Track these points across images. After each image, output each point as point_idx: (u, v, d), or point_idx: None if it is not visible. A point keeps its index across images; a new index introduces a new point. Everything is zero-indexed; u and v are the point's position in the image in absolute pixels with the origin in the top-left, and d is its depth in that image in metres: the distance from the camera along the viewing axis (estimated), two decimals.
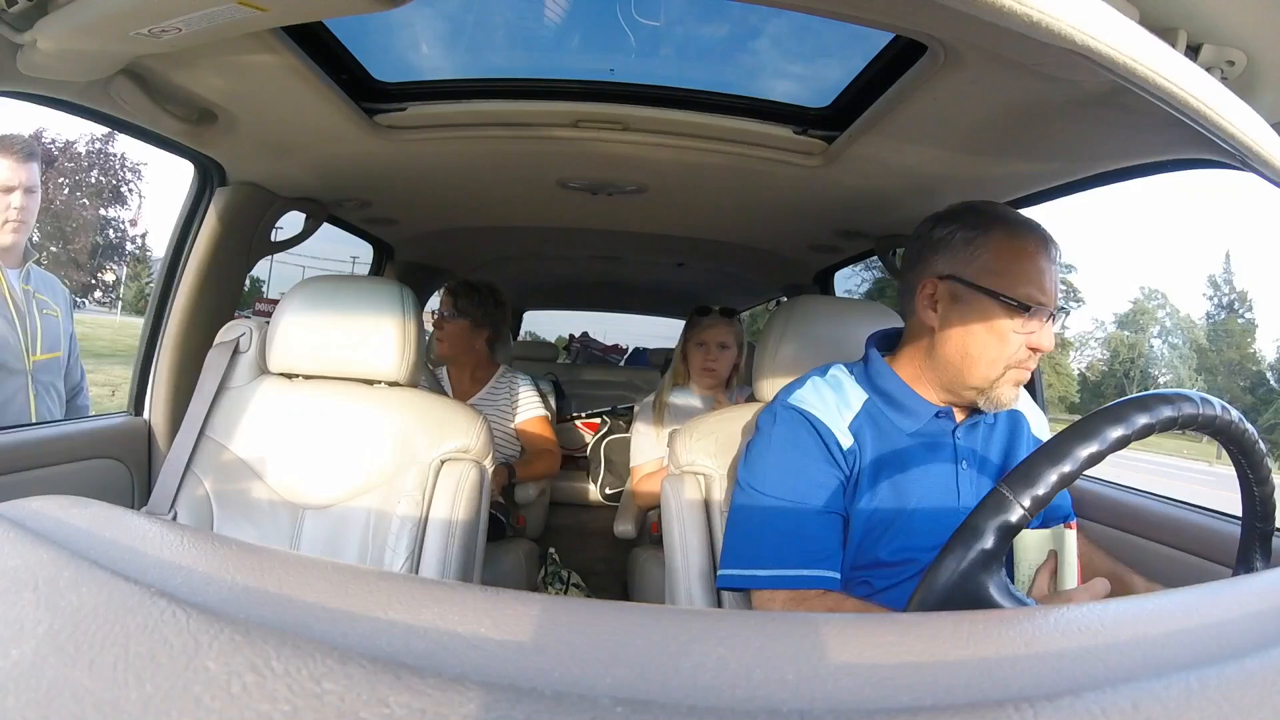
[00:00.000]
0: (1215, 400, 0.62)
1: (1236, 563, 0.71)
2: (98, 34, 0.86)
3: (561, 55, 1.37)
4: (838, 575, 0.90)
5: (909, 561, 0.93)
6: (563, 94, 1.33)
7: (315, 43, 1.11)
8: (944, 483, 0.96)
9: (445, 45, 1.37)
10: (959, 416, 1.00)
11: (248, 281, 1.89)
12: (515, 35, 1.35)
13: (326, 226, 2.04)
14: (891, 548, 0.93)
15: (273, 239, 1.84)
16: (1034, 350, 0.91)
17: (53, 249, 16.47)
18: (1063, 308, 0.95)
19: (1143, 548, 1.24)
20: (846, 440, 0.96)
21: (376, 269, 2.59)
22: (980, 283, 0.91)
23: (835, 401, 0.99)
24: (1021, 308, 0.89)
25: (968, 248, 0.93)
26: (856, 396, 1.00)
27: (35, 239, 1.80)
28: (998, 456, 1.02)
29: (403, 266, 2.61)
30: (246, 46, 1.03)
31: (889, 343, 1.06)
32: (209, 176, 1.60)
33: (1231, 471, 0.68)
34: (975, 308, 0.92)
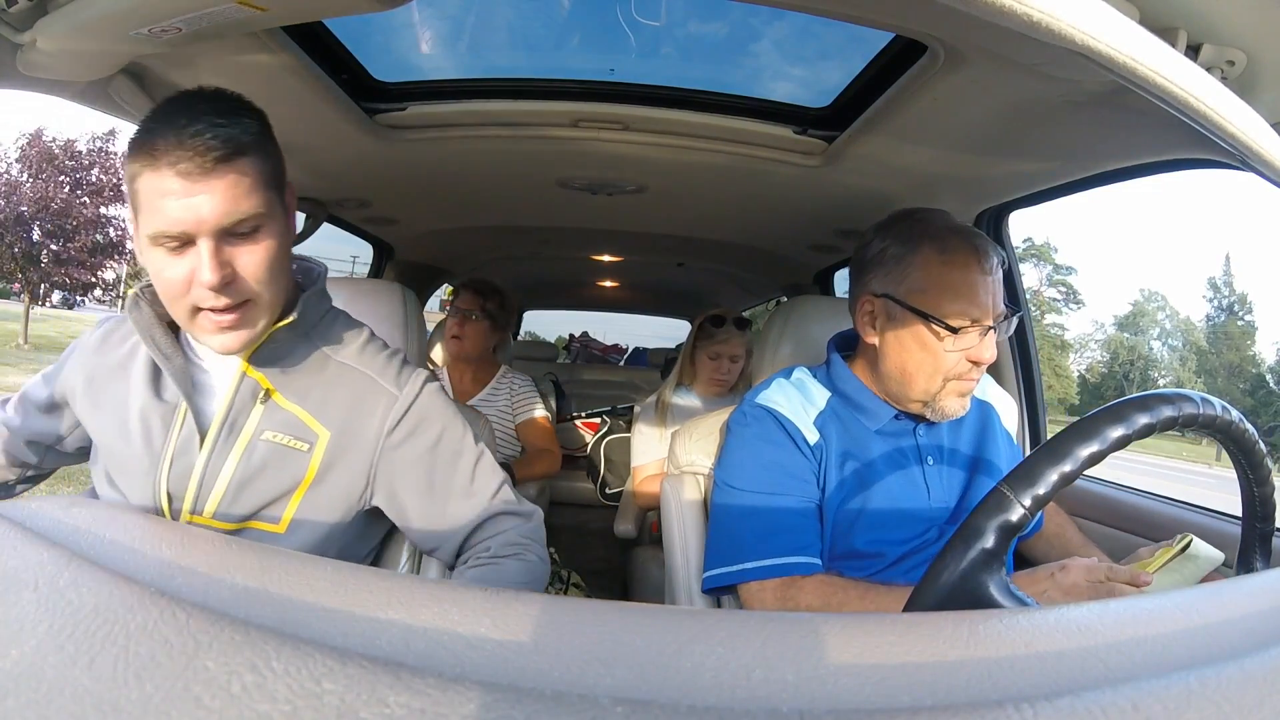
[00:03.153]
0: (1215, 400, 0.62)
1: (1236, 563, 0.71)
2: (97, 34, 0.85)
3: (561, 55, 1.37)
4: (820, 563, 0.92)
5: (878, 555, 0.95)
6: (563, 94, 1.33)
7: (315, 42, 1.11)
8: (911, 480, 0.98)
9: (445, 45, 1.37)
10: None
11: None
12: (515, 35, 1.35)
13: (326, 226, 2.04)
14: (861, 540, 0.95)
15: None
16: (975, 363, 0.91)
17: (53, 247, 16.39)
18: (1011, 315, 0.95)
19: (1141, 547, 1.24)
20: (813, 435, 0.98)
21: (376, 269, 2.58)
22: (910, 302, 0.92)
23: (800, 400, 1.01)
24: (949, 329, 0.89)
25: (898, 266, 0.94)
26: (820, 395, 1.02)
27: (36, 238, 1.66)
28: (967, 449, 1.04)
29: (403, 266, 2.61)
30: (246, 46, 1.03)
31: (850, 343, 1.08)
32: None
33: (1232, 474, 0.68)
34: (908, 326, 0.93)
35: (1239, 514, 0.71)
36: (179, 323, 0.78)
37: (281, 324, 0.79)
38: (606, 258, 2.85)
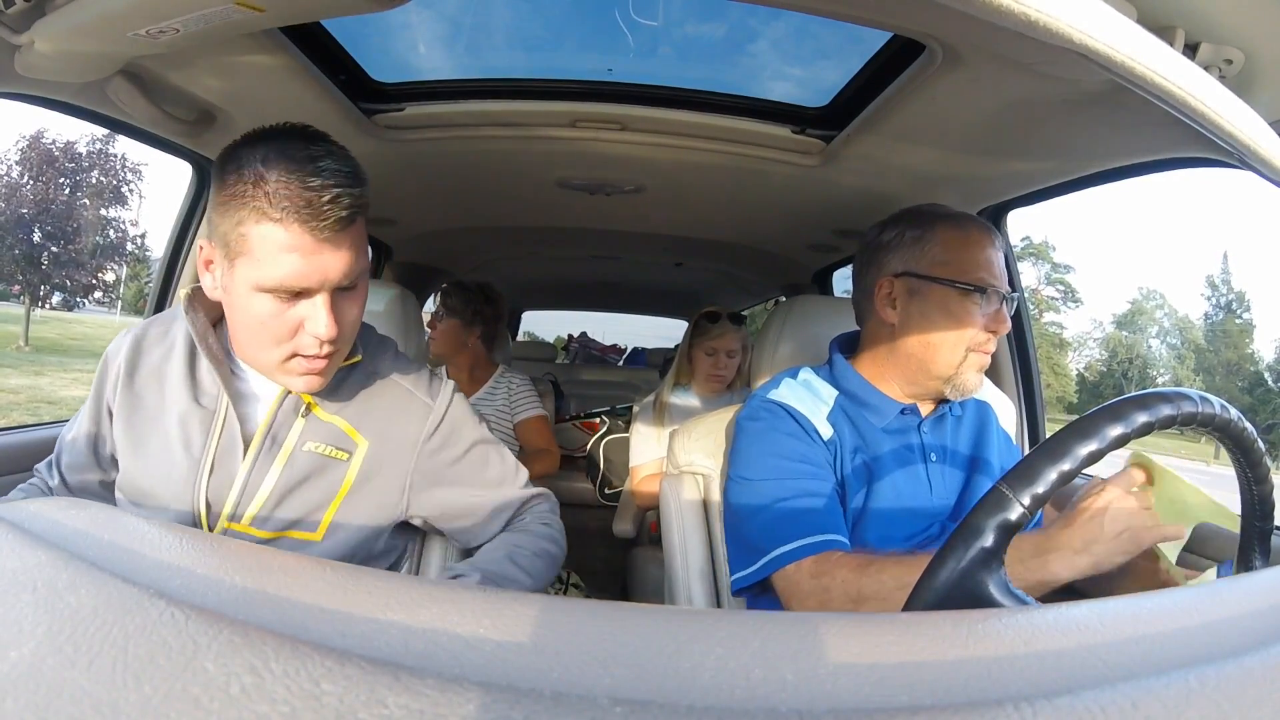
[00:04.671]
0: (1214, 399, 0.62)
1: (1236, 561, 0.71)
2: (95, 35, 0.85)
3: (560, 55, 1.37)
4: (848, 541, 0.91)
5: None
6: (561, 94, 1.33)
7: (313, 43, 1.11)
8: (915, 477, 0.99)
9: (443, 45, 1.37)
10: (924, 412, 1.03)
11: None
12: (513, 35, 1.35)
13: None
14: (869, 536, 0.94)
15: None
16: (992, 333, 0.95)
17: (53, 249, 16.43)
18: (1014, 293, 0.99)
19: None
20: (827, 430, 0.99)
21: (374, 270, 2.58)
22: (933, 273, 0.96)
23: (810, 398, 1.02)
24: (976, 290, 0.94)
25: (917, 244, 0.99)
26: (828, 393, 1.04)
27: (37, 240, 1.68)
28: (966, 448, 1.05)
29: (401, 267, 2.61)
30: (244, 47, 1.03)
31: (850, 346, 1.10)
32: (207, 177, 1.60)
33: (1229, 471, 0.68)
34: (931, 298, 0.97)
35: (1238, 512, 0.71)
36: (260, 364, 0.79)
37: (349, 362, 0.84)
38: (605, 258, 2.85)
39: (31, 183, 16.20)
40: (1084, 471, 0.59)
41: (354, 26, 1.16)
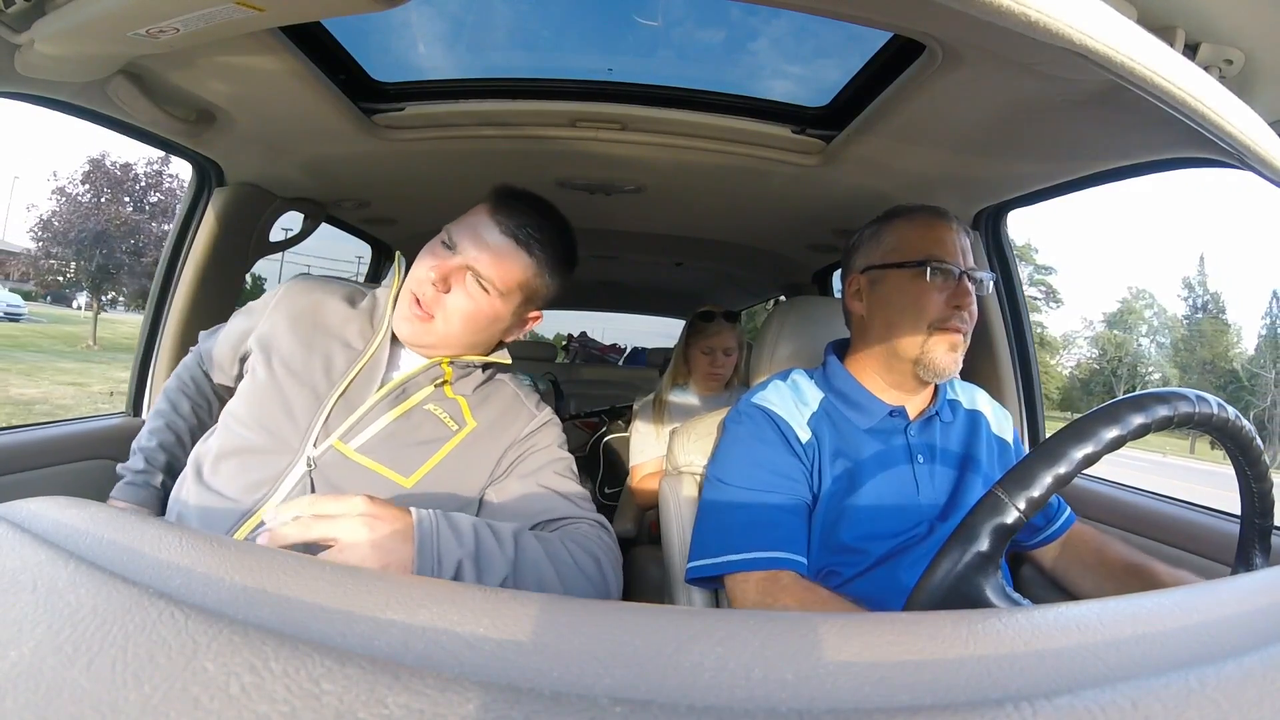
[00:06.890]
0: (1211, 398, 0.62)
1: (1236, 560, 0.71)
2: (95, 35, 0.85)
3: (560, 55, 1.37)
4: (805, 560, 0.93)
5: (865, 551, 0.97)
6: (561, 93, 1.33)
7: (313, 43, 1.11)
8: (901, 477, 1.01)
9: (443, 45, 1.37)
10: (912, 414, 1.05)
11: (249, 280, 1.88)
12: (514, 35, 1.35)
13: (327, 228, 2.04)
14: (852, 535, 0.96)
15: (272, 239, 1.84)
16: (956, 309, 0.97)
17: (123, 259, 17.25)
18: (981, 273, 1.01)
19: (1142, 546, 1.24)
20: (805, 434, 1.01)
21: (375, 269, 2.58)
22: (887, 261, 1.03)
23: (794, 400, 1.05)
24: (920, 265, 0.98)
25: (874, 240, 1.06)
26: (814, 396, 1.06)
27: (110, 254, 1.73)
28: (958, 447, 1.06)
29: (402, 268, 2.60)
30: (244, 47, 1.03)
31: (846, 350, 1.13)
32: (207, 176, 1.60)
33: (1198, 464, 0.68)
34: (888, 284, 1.02)
35: (1236, 510, 0.71)
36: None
37: (491, 358, 1.03)
38: (605, 257, 2.85)
39: (98, 203, 16.94)
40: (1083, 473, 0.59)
41: (354, 26, 1.16)
